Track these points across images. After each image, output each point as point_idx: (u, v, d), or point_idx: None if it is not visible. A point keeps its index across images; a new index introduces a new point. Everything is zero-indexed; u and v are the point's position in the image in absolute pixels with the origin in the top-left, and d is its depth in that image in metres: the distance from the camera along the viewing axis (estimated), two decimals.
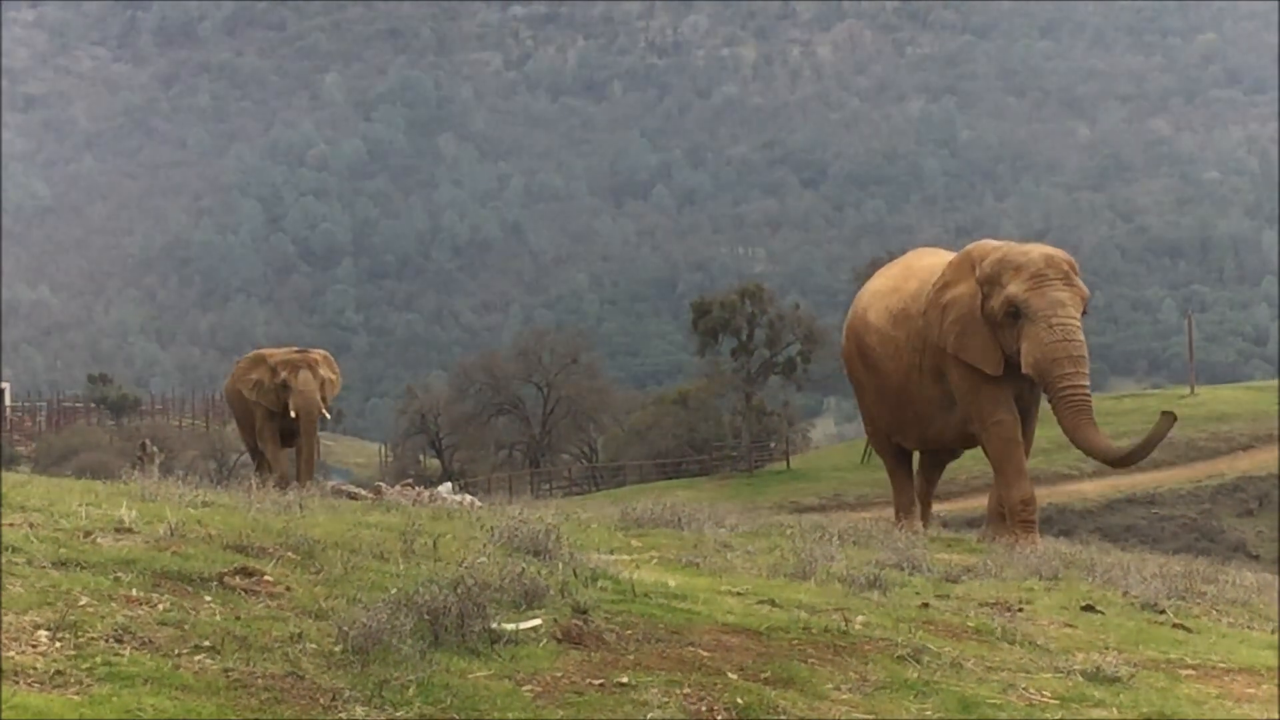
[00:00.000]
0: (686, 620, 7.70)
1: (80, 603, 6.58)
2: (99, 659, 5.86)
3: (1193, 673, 7.93)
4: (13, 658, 5.75)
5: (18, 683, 5.52)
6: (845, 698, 6.61)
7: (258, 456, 23.34)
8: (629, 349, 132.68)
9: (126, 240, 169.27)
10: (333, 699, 5.83)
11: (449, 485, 19.15)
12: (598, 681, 6.40)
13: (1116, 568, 12.37)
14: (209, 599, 6.98)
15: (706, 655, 7.01)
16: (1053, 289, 14.34)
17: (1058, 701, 6.93)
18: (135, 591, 6.90)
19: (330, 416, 23.21)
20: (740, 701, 6.27)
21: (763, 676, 6.73)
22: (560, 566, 8.67)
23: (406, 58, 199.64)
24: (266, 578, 7.45)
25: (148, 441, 27.08)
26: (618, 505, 15.61)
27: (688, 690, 6.38)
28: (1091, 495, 46.93)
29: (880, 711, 6.47)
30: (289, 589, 7.37)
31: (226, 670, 5.93)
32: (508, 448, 63.82)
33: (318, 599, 7.22)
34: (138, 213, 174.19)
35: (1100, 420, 14.99)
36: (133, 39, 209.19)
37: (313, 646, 6.39)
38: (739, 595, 8.71)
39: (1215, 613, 10.58)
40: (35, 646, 5.95)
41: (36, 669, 5.69)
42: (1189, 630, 9.29)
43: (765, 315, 56.65)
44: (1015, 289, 14.40)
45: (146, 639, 6.19)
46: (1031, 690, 7.08)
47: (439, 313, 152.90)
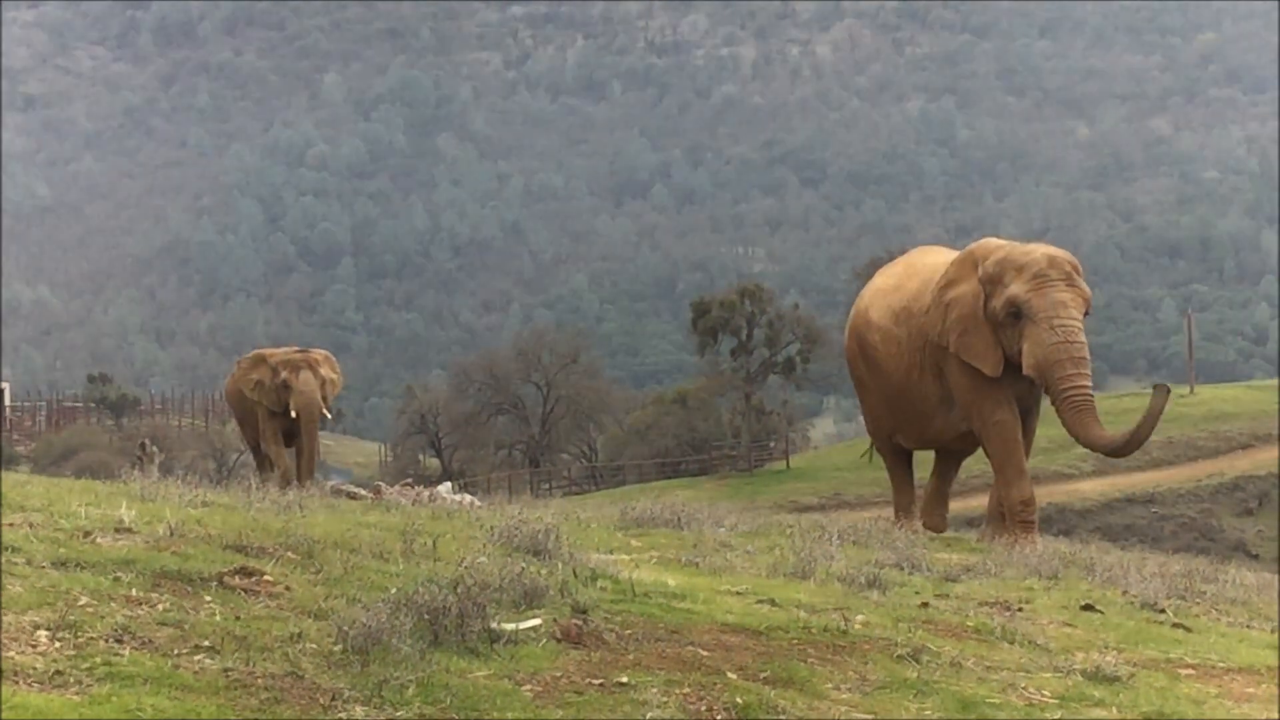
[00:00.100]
0: (686, 620, 7.70)
1: (80, 603, 6.58)
2: (99, 659, 5.86)
3: (1192, 672, 7.94)
4: (12, 658, 5.75)
5: (17, 683, 5.52)
6: (845, 697, 6.61)
7: (259, 456, 23.34)
8: (629, 348, 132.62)
9: (126, 240, 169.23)
10: (332, 699, 5.83)
11: (449, 485, 19.13)
12: (597, 681, 6.41)
13: (1116, 567, 12.38)
14: (209, 599, 6.98)
15: (706, 655, 7.01)
16: (1055, 290, 14.25)
17: (1057, 701, 6.93)
18: (135, 591, 6.90)
19: (331, 416, 23.19)
20: (740, 701, 6.28)
21: (762, 676, 6.73)
22: (560, 566, 8.67)
23: (406, 57, 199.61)
24: (266, 578, 7.45)
25: (147, 441, 27.12)
26: (617, 505, 15.61)
27: (687, 690, 6.39)
28: (1091, 495, 46.92)
29: (880, 711, 6.48)
30: (289, 589, 7.37)
31: (226, 670, 5.93)
32: (507, 447, 63.77)
33: (317, 599, 7.22)
34: (137, 212, 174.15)
35: (1101, 420, 14.95)
36: (132, 39, 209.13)
37: (312, 646, 6.39)
38: (738, 595, 8.71)
39: (1215, 612, 10.59)
40: (35, 646, 5.95)
41: (36, 669, 5.69)
42: (1189, 630, 9.30)
43: (765, 315, 56.61)
44: (1017, 289, 14.31)
45: (146, 639, 6.19)
46: (1031, 690, 7.09)
47: (439, 312, 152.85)
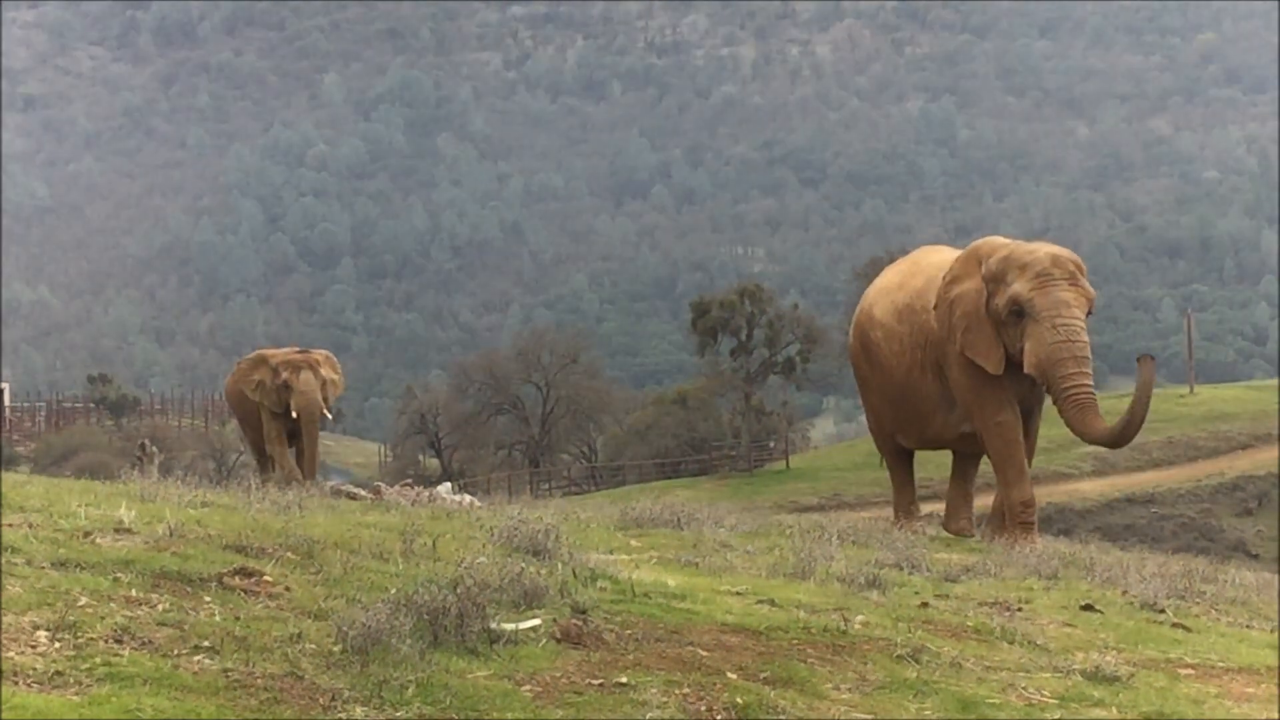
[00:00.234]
0: (686, 620, 7.70)
1: (80, 603, 6.58)
2: (98, 659, 5.86)
3: (1192, 672, 7.93)
4: (12, 658, 5.75)
5: (17, 683, 5.52)
6: (844, 697, 6.61)
7: (260, 456, 23.34)
8: (628, 349, 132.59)
9: (126, 240, 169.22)
10: (332, 699, 5.83)
11: (448, 485, 19.12)
12: (597, 681, 6.41)
13: (1116, 567, 12.38)
14: (208, 599, 6.98)
15: (706, 655, 7.01)
16: (1058, 289, 14.20)
17: (1057, 701, 6.93)
18: (135, 592, 6.90)
19: (331, 417, 23.20)
20: (739, 701, 6.28)
21: (762, 676, 6.73)
22: (560, 566, 8.67)
23: (406, 58, 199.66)
24: (266, 578, 7.45)
25: (147, 442, 27.10)
26: (617, 505, 15.61)
27: (687, 690, 6.38)
28: (1091, 494, 46.91)
29: (879, 711, 6.47)
30: (288, 589, 7.37)
31: (226, 670, 5.93)
32: (507, 447, 63.75)
33: (317, 599, 7.22)
34: (137, 213, 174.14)
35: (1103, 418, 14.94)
36: (132, 39, 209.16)
37: (312, 647, 6.39)
38: (738, 595, 8.71)
39: (1214, 612, 10.59)
40: (35, 647, 5.95)
41: (36, 669, 5.69)
42: (1188, 629, 9.29)
43: (764, 315, 56.58)
44: (1020, 287, 14.27)
45: (146, 639, 6.19)
46: (1031, 690, 7.09)
47: (438, 312, 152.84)
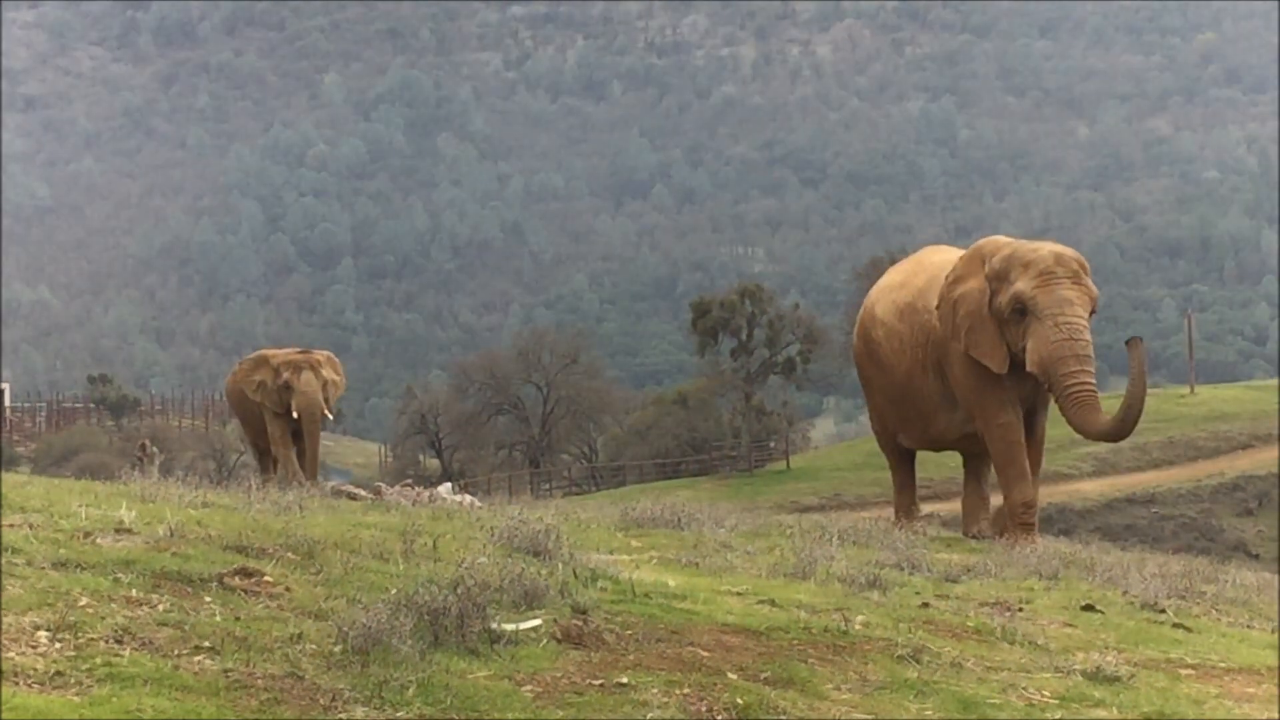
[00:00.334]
0: (686, 620, 7.70)
1: (80, 603, 6.58)
2: (99, 660, 5.86)
3: (1192, 672, 7.93)
4: (13, 658, 5.75)
5: (18, 683, 5.52)
6: (845, 698, 6.61)
7: (261, 456, 23.36)
8: (629, 349, 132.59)
9: (126, 240, 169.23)
10: (332, 699, 5.83)
11: (449, 485, 19.10)
12: (597, 682, 6.40)
13: (1116, 567, 12.37)
14: (209, 600, 6.98)
15: (706, 655, 7.01)
16: (1061, 287, 14.17)
17: (1058, 701, 6.93)
18: (135, 592, 6.90)
19: (332, 417, 23.22)
20: (740, 701, 6.27)
21: (763, 676, 6.73)
22: (560, 567, 8.67)
23: (406, 58, 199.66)
24: (266, 578, 7.45)
25: (147, 442, 27.14)
26: (617, 505, 15.60)
27: (687, 690, 6.38)
28: (1091, 494, 46.91)
29: (880, 711, 6.47)
30: (289, 589, 7.37)
31: (226, 671, 5.93)
32: (507, 448, 63.77)
33: (317, 599, 7.22)
34: (137, 213, 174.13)
35: None
36: (132, 39, 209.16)
37: (312, 647, 6.39)
38: (739, 595, 8.71)
39: (1215, 612, 10.58)
40: (35, 647, 5.95)
41: (36, 670, 5.68)
42: (1189, 630, 9.29)
43: (765, 315, 56.59)
44: (1023, 286, 14.23)
45: (146, 640, 6.19)
46: (1031, 690, 7.08)
47: (438, 313, 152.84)
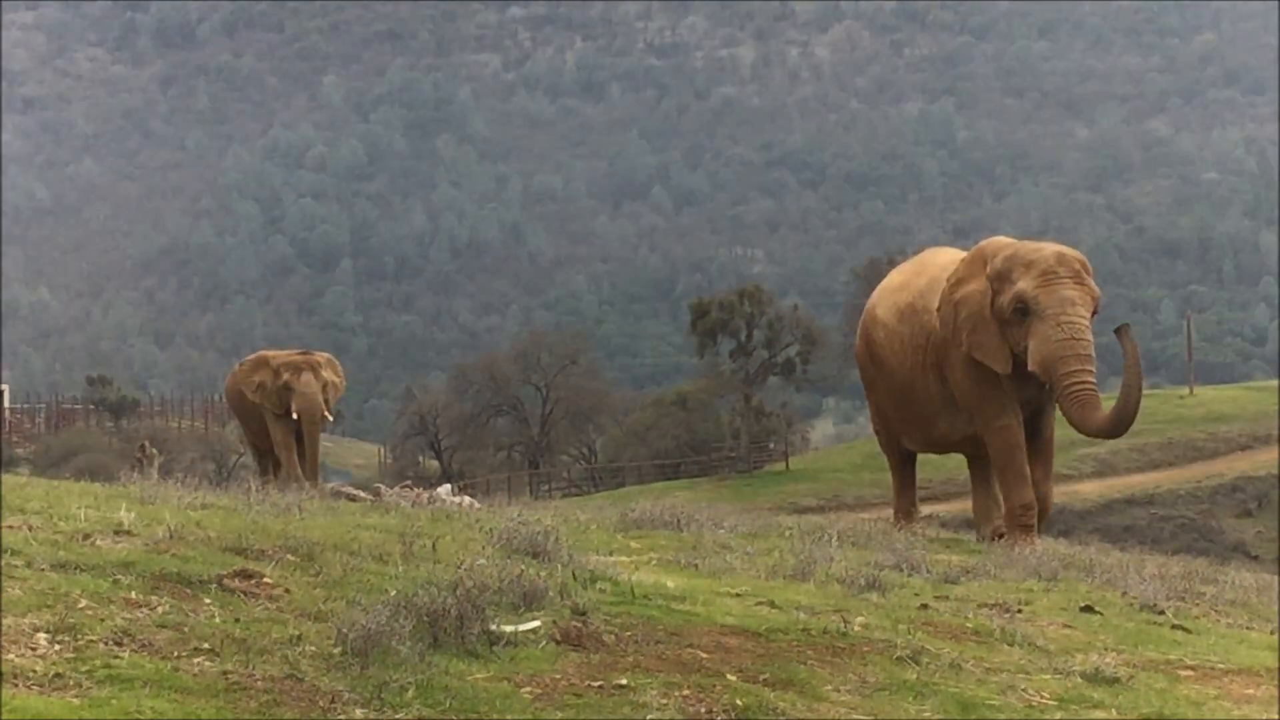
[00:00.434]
0: (685, 622, 7.70)
1: (79, 605, 6.58)
2: (98, 662, 5.86)
3: (1192, 674, 7.93)
4: (12, 660, 5.75)
5: (17, 685, 5.52)
6: (844, 699, 6.61)
7: (262, 457, 23.37)
8: (628, 350, 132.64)
9: (125, 242, 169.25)
10: (332, 701, 5.83)
11: (448, 487, 19.10)
12: (597, 683, 6.40)
13: (1115, 568, 12.37)
14: (208, 601, 6.98)
15: (705, 657, 7.01)
16: (1063, 287, 14.14)
17: (1057, 703, 6.93)
18: (134, 594, 6.90)
19: (332, 419, 23.23)
20: (739, 703, 6.27)
21: (762, 678, 6.73)
22: (559, 568, 8.67)
23: (405, 59, 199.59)
24: (266, 580, 7.45)
25: (147, 443, 27.16)
26: (617, 506, 15.61)
27: (687, 692, 6.38)
28: (1090, 496, 46.93)
29: (879, 713, 6.47)
30: (288, 591, 7.37)
31: (226, 673, 5.93)
32: (507, 449, 63.80)
33: (317, 601, 7.22)
34: (136, 214, 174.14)
35: None
36: (131, 41, 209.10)
37: (312, 649, 6.39)
38: (738, 597, 8.71)
39: (1214, 613, 10.58)
40: (35, 649, 5.94)
41: (36, 672, 5.68)
42: (1188, 631, 9.29)
43: (764, 316, 56.65)
44: (1025, 285, 14.20)
45: (146, 641, 6.19)
46: (1030, 691, 7.09)
47: (438, 314, 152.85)
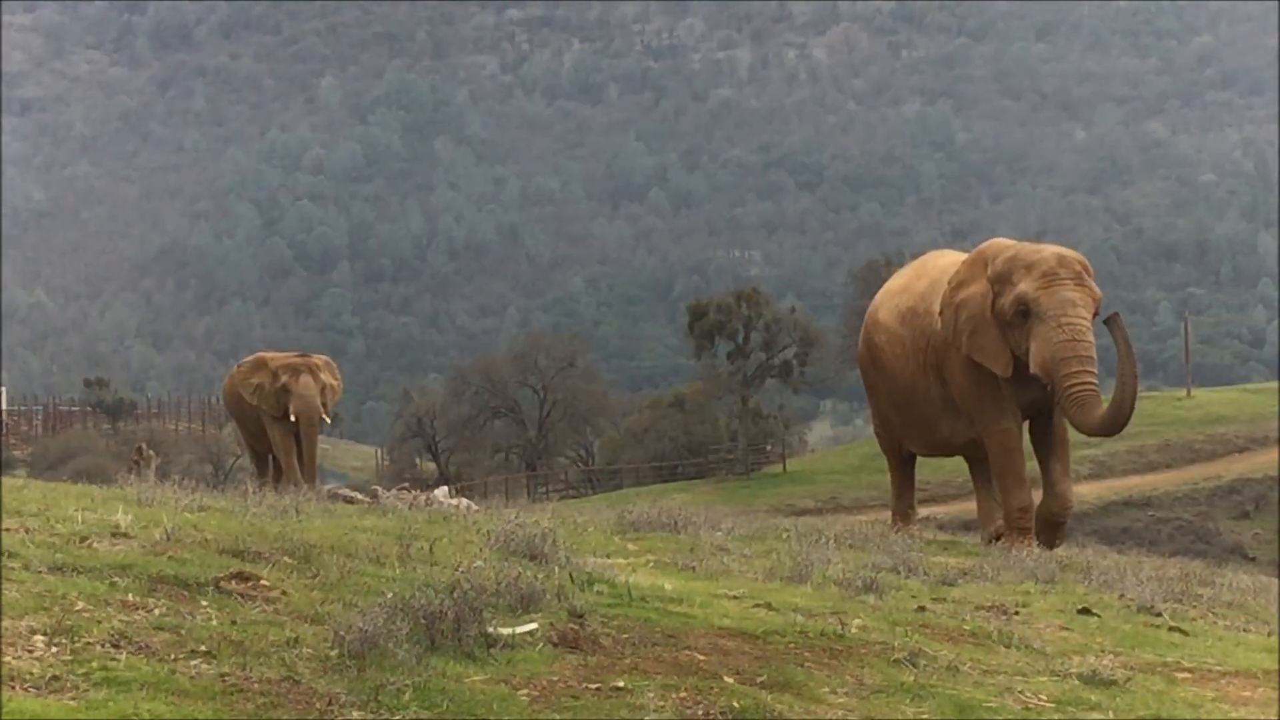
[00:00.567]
0: (683, 624, 7.70)
1: (76, 608, 6.58)
2: (95, 664, 5.85)
3: (1189, 676, 7.93)
4: (9, 663, 5.75)
5: (14, 688, 5.51)
6: (841, 701, 6.61)
7: (259, 460, 23.38)
8: (625, 352, 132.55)
9: (123, 244, 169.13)
10: (329, 703, 5.82)
11: (445, 489, 19.10)
12: (594, 685, 6.40)
13: (1113, 571, 12.38)
14: (205, 604, 6.98)
15: (703, 659, 7.01)
16: (1064, 289, 14.17)
17: (1054, 705, 6.93)
18: (131, 596, 6.90)
19: (330, 421, 23.25)
20: (736, 705, 6.27)
21: (759, 680, 6.73)
22: (556, 570, 8.67)
23: (402, 61, 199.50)
24: (263, 582, 7.44)
25: (144, 445, 27.11)
26: (614, 508, 15.62)
27: (684, 694, 6.38)
28: (1088, 498, 46.86)
29: (876, 715, 6.47)
30: (285, 594, 7.36)
31: (223, 675, 5.93)
32: (504, 451, 63.77)
33: (314, 603, 7.22)
34: (134, 216, 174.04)
35: None
36: (129, 43, 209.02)
37: (309, 651, 6.38)
38: (735, 599, 8.71)
39: (1212, 615, 10.59)
40: (31, 651, 5.94)
41: (33, 674, 5.68)
42: (1185, 633, 9.29)
43: (761, 318, 56.63)
44: (1026, 287, 14.22)
45: (143, 644, 6.19)
46: (1028, 693, 7.09)
47: (435, 316, 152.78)
